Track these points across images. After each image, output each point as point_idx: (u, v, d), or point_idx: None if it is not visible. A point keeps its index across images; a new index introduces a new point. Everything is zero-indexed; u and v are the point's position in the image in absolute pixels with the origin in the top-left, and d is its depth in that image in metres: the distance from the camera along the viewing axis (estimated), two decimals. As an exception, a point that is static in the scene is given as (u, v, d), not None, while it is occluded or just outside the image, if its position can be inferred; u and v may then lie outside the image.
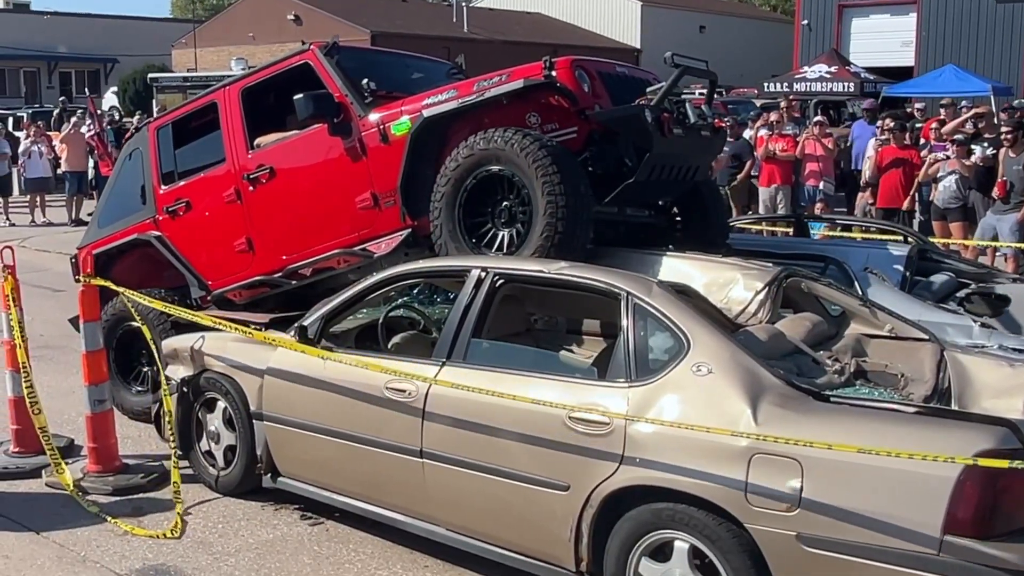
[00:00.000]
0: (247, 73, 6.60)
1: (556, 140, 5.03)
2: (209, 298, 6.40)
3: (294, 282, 6.05)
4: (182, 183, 6.50)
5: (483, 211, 5.10)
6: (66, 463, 5.60)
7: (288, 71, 6.02)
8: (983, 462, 2.99)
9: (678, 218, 6.10)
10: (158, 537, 4.70)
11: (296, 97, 5.54)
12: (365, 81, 5.65)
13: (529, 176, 4.82)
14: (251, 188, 6.06)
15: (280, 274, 6.04)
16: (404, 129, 5.39)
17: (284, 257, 6.00)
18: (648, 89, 5.33)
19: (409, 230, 5.47)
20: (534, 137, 4.90)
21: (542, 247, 4.77)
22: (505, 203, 5.03)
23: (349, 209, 5.65)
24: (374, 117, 5.55)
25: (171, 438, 5.22)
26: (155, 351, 5.50)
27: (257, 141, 6.15)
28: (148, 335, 5.48)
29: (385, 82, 5.83)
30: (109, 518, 4.92)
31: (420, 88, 5.72)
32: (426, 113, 5.32)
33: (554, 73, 5.03)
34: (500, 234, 5.06)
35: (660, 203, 5.96)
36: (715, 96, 6.28)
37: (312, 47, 5.90)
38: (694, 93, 13.01)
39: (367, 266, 5.67)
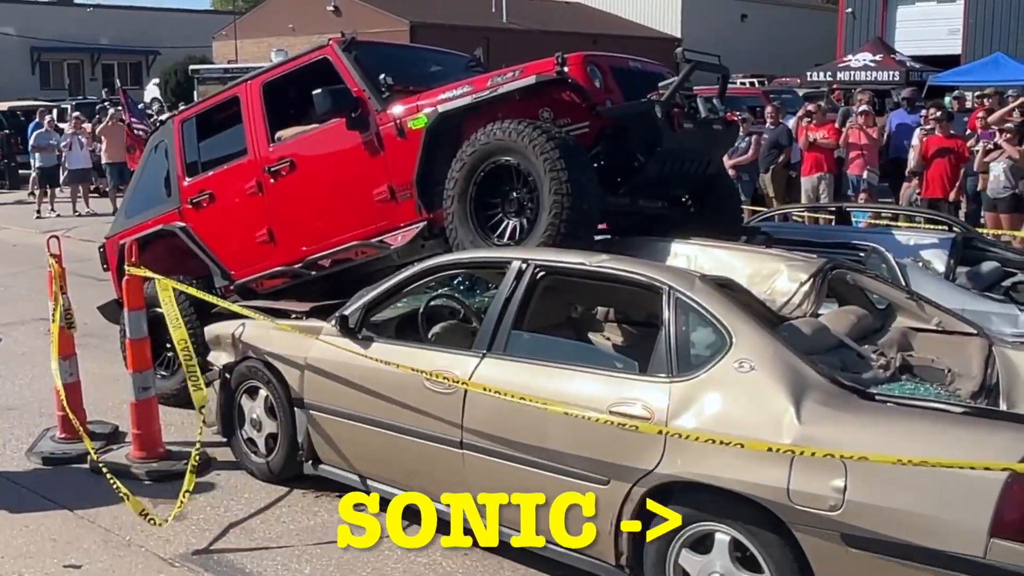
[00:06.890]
0: (268, 67, 6.66)
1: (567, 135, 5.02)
2: (232, 287, 6.47)
3: (314, 272, 6.12)
4: (206, 175, 6.57)
5: (493, 201, 5.13)
6: (110, 449, 5.71)
7: (307, 66, 6.08)
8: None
9: (691, 209, 6.08)
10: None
11: (315, 92, 5.60)
12: (382, 76, 5.70)
13: (536, 166, 4.84)
14: (272, 180, 6.13)
15: (300, 265, 6.12)
16: (420, 123, 5.44)
17: (304, 248, 6.08)
18: (660, 84, 5.30)
19: (425, 222, 5.53)
20: (541, 128, 4.91)
21: (549, 235, 4.79)
22: (514, 193, 5.06)
23: (366, 201, 5.71)
24: (391, 111, 5.60)
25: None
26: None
27: (278, 134, 6.21)
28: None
29: (402, 77, 5.86)
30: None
31: (438, 82, 5.75)
32: (441, 108, 5.37)
33: (566, 69, 5.03)
34: (509, 223, 5.09)
35: (674, 194, 5.95)
36: (761, 83, 6.25)
37: (331, 42, 5.94)
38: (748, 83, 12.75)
39: (384, 257, 5.73)
